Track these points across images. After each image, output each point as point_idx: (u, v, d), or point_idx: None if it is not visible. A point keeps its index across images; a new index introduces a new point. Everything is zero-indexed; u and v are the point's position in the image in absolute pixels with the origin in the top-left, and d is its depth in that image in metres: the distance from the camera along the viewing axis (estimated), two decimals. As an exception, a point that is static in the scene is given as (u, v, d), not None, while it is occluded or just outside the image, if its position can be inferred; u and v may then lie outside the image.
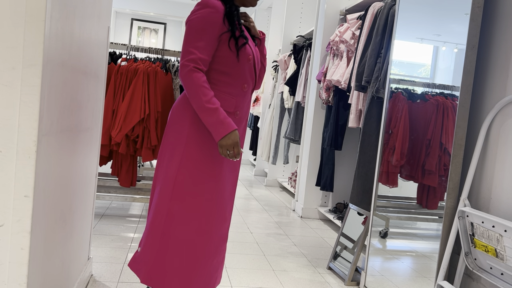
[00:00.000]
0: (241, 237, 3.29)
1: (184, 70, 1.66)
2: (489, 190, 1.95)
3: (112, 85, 3.37)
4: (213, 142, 1.76)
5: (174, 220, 1.75)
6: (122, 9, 9.04)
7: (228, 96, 1.78)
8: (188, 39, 1.69)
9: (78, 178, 1.89)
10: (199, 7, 1.70)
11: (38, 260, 1.39)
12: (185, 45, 1.69)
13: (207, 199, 1.77)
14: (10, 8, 1.23)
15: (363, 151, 3.04)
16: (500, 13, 2.00)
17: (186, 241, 1.75)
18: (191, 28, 1.69)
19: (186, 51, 1.68)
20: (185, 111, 1.77)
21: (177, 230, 1.75)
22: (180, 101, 1.81)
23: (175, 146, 1.76)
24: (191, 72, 1.65)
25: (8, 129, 1.24)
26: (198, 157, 1.75)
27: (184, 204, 1.75)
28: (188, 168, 1.75)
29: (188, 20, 1.72)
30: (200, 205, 1.76)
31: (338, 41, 3.66)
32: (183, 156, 1.75)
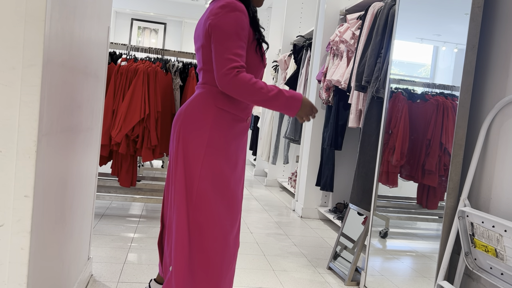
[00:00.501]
0: (241, 237, 3.29)
1: (228, 78, 1.58)
2: (489, 190, 1.95)
3: (112, 85, 3.37)
4: (231, 149, 1.74)
5: (201, 232, 1.71)
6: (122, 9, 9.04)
7: (245, 104, 1.77)
8: (225, 45, 1.60)
9: (78, 178, 1.89)
10: (228, 10, 1.62)
11: (38, 260, 1.39)
12: (222, 52, 1.60)
13: (226, 206, 1.74)
14: (10, 8, 1.23)
15: (363, 151, 3.04)
16: (500, 13, 2.00)
17: (213, 251, 1.72)
18: (225, 33, 1.60)
19: (226, 59, 1.59)
20: (204, 118, 1.71)
21: (205, 241, 1.71)
22: (197, 106, 1.73)
23: (194, 155, 1.70)
24: (236, 76, 1.58)
25: (8, 129, 1.24)
26: (217, 165, 1.72)
27: (207, 214, 1.71)
28: (208, 177, 1.70)
29: (218, 24, 1.62)
30: (221, 214, 1.73)
31: (338, 41, 3.66)
32: (203, 165, 1.70)
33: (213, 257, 1.72)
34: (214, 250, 1.72)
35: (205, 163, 1.70)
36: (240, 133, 1.80)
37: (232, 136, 1.76)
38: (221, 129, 1.71)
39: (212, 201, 1.71)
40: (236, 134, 1.78)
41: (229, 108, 1.73)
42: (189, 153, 1.71)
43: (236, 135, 1.78)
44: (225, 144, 1.73)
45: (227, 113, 1.72)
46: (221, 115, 1.71)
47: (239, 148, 1.81)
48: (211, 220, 1.71)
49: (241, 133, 1.80)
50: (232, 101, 1.73)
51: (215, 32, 1.63)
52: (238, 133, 1.78)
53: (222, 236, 1.74)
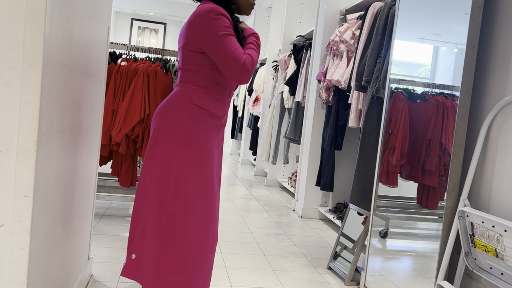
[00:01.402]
0: (241, 237, 3.29)
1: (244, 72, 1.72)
2: (489, 190, 1.95)
3: (112, 85, 3.37)
4: (209, 141, 1.82)
5: (175, 222, 1.75)
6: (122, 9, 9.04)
7: (221, 103, 1.86)
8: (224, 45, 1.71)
9: (78, 178, 1.89)
10: (215, 14, 1.72)
11: (38, 260, 1.39)
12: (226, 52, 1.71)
13: (204, 198, 1.80)
14: (10, 8, 1.23)
15: (363, 151, 3.04)
16: (500, 13, 2.00)
17: (187, 243, 1.76)
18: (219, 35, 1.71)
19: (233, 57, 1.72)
20: (181, 113, 1.79)
21: (178, 232, 1.75)
22: (174, 102, 1.81)
23: (172, 147, 1.77)
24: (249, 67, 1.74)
25: (8, 129, 1.24)
26: (195, 158, 1.78)
27: (183, 205, 1.76)
28: (186, 169, 1.77)
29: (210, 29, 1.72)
30: (198, 205, 1.78)
31: (338, 41, 3.66)
32: (182, 157, 1.77)
33: (186, 250, 1.76)
34: (188, 242, 1.77)
35: (184, 155, 1.77)
36: (216, 128, 1.87)
37: (208, 132, 1.83)
38: (198, 124, 1.80)
39: (190, 192, 1.77)
40: (212, 131, 1.85)
41: (204, 105, 1.81)
42: (167, 145, 1.78)
43: (213, 132, 1.85)
44: (203, 136, 1.81)
45: (202, 110, 1.81)
46: (197, 111, 1.80)
47: (216, 142, 1.88)
48: (187, 212, 1.77)
49: (217, 128, 1.87)
50: (207, 99, 1.81)
51: (207, 39, 1.74)
52: (213, 130, 1.85)
53: (197, 228, 1.78)
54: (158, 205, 1.76)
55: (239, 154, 8.87)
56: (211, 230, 1.84)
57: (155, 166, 1.78)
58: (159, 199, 1.76)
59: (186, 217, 1.76)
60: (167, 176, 1.76)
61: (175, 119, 1.78)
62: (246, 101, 7.52)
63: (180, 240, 1.76)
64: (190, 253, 1.77)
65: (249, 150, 7.27)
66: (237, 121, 8.45)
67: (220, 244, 3.08)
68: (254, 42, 1.84)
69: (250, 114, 7.18)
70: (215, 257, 2.79)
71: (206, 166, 1.81)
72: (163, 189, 1.76)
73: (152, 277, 1.76)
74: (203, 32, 1.73)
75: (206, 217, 1.81)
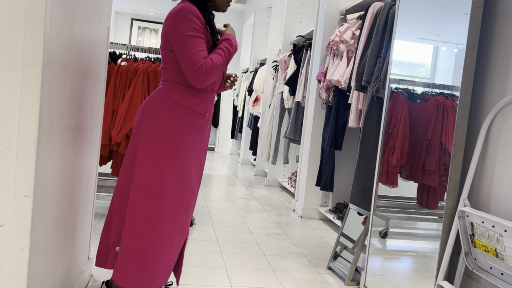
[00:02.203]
0: (241, 237, 3.30)
1: (199, 75, 1.72)
2: (489, 190, 1.95)
3: (112, 85, 3.37)
4: (187, 140, 1.84)
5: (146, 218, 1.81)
6: (122, 9, 9.03)
7: (201, 99, 1.88)
8: (187, 47, 1.73)
9: (78, 178, 1.89)
10: (182, 14, 1.73)
11: (38, 260, 1.39)
12: (187, 53, 1.72)
13: (177, 196, 1.85)
14: (10, 8, 1.23)
15: (363, 151, 3.04)
16: (500, 13, 2.00)
17: (153, 239, 1.82)
18: (183, 36, 1.73)
19: (192, 59, 1.72)
20: (160, 110, 1.82)
21: (149, 227, 1.82)
22: (153, 99, 1.85)
23: (149, 144, 1.81)
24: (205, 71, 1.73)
25: (8, 129, 1.24)
26: (171, 155, 1.82)
27: (155, 202, 1.81)
28: (162, 166, 1.81)
29: (175, 29, 1.74)
30: (170, 203, 1.83)
31: (338, 41, 3.66)
32: (158, 154, 1.81)
33: (150, 245, 1.82)
34: (153, 239, 1.82)
35: (161, 152, 1.81)
36: (197, 128, 1.88)
37: (188, 128, 1.85)
38: (176, 120, 1.82)
39: (163, 189, 1.81)
40: (193, 128, 1.87)
41: (184, 102, 1.83)
42: (144, 142, 1.82)
43: (193, 129, 1.87)
44: (181, 134, 1.83)
45: (182, 106, 1.83)
46: (176, 108, 1.83)
47: (197, 140, 1.90)
48: (158, 208, 1.82)
49: (197, 127, 1.88)
50: (186, 96, 1.84)
51: (174, 38, 1.76)
52: (194, 127, 1.87)
53: (165, 226, 1.84)
54: (133, 201, 1.82)
55: (239, 154, 8.87)
56: (179, 227, 1.89)
57: (133, 161, 1.84)
58: (134, 195, 1.81)
59: (156, 213, 1.81)
60: (142, 172, 1.81)
61: (154, 116, 1.82)
62: (246, 101, 7.52)
63: (148, 235, 1.81)
64: (153, 249, 1.82)
65: (249, 150, 7.27)
66: (237, 121, 8.45)
67: (220, 244, 3.08)
68: (223, 48, 1.84)
69: (250, 114, 7.18)
70: (215, 257, 2.79)
71: (182, 163, 1.84)
72: (137, 185, 1.81)
73: (120, 269, 1.82)
74: (171, 31, 1.76)
75: (176, 214, 1.86)
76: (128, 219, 1.82)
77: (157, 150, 1.81)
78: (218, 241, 3.14)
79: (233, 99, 9.07)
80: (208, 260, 2.72)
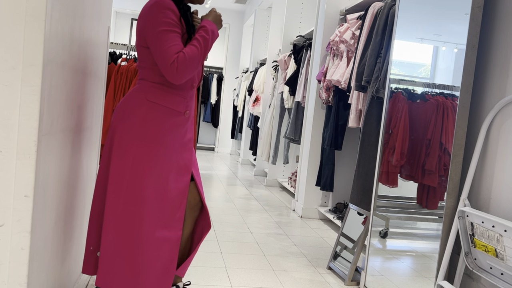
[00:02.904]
0: (241, 237, 3.30)
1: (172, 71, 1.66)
2: (489, 190, 1.95)
3: (112, 85, 3.37)
4: (166, 141, 1.80)
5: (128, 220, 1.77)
6: (122, 9, 9.03)
7: (180, 97, 1.83)
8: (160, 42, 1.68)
9: (78, 178, 1.89)
10: (156, 9, 1.69)
11: (38, 260, 1.39)
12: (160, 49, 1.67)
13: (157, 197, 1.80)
14: (10, 8, 1.23)
15: (363, 151, 3.04)
16: (500, 13, 2.00)
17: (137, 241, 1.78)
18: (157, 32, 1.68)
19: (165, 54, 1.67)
20: (136, 112, 1.78)
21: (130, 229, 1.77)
22: (130, 100, 1.81)
23: (126, 147, 1.77)
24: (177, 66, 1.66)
25: (8, 129, 1.24)
26: (149, 155, 1.78)
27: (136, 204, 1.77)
28: (140, 168, 1.76)
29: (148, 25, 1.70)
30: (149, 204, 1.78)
31: (338, 41, 3.66)
32: (135, 156, 1.76)
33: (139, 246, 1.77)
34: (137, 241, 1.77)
35: (138, 154, 1.76)
36: (176, 127, 1.83)
37: (166, 129, 1.80)
38: (154, 121, 1.77)
39: (144, 192, 1.76)
40: (172, 128, 1.82)
41: (161, 101, 1.78)
42: (121, 146, 1.77)
43: (172, 128, 1.82)
44: (158, 137, 1.78)
45: (159, 106, 1.78)
46: (154, 109, 1.78)
47: (176, 141, 1.84)
48: (138, 211, 1.77)
49: (177, 126, 1.83)
50: (164, 95, 1.79)
51: (148, 33, 1.71)
52: (173, 127, 1.82)
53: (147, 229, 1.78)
54: (111, 203, 1.77)
55: (239, 154, 8.87)
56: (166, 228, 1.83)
57: (111, 163, 1.79)
58: (113, 198, 1.77)
59: (139, 215, 1.77)
60: (120, 174, 1.76)
61: (131, 117, 1.78)
62: (246, 101, 7.52)
63: (132, 237, 1.77)
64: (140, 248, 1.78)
65: (249, 150, 7.27)
66: (237, 121, 8.46)
67: (220, 244, 3.08)
68: (198, 37, 1.75)
69: (250, 114, 7.18)
70: (215, 257, 2.79)
71: (162, 164, 1.80)
72: (116, 188, 1.76)
73: (106, 271, 1.78)
74: (145, 26, 1.72)
75: (158, 211, 1.80)
76: (107, 222, 1.77)
77: (134, 153, 1.76)
78: (218, 241, 3.14)
79: (233, 99, 9.07)
80: (208, 260, 2.72)
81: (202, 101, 9.37)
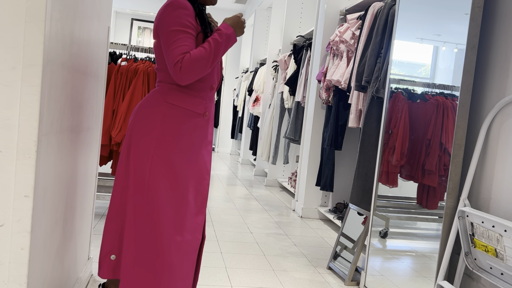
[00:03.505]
0: (241, 237, 3.30)
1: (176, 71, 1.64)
2: (489, 190, 1.95)
3: (112, 85, 3.37)
4: (184, 143, 1.78)
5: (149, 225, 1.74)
6: (122, 9, 9.03)
7: (199, 99, 1.81)
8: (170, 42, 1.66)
9: (78, 178, 1.89)
10: (171, 9, 1.68)
11: (38, 260, 1.39)
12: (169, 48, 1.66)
13: (176, 200, 1.77)
14: (10, 8, 1.23)
15: (363, 151, 3.04)
16: (500, 13, 2.00)
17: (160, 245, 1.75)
18: (169, 31, 1.67)
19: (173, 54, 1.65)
20: (154, 114, 1.76)
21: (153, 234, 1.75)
22: (148, 102, 1.79)
23: (144, 150, 1.75)
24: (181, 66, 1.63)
25: (8, 129, 1.24)
26: (168, 159, 1.76)
27: (157, 208, 1.74)
28: (158, 171, 1.74)
29: (162, 23, 1.69)
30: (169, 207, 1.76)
31: (338, 41, 3.66)
32: (154, 159, 1.74)
33: (159, 251, 1.74)
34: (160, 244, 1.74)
35: (156, 156, 1.74)
36: (196, 128, 1.81)
37: (184, 131, 1.78)
38: (172, 124, 1.76)
39: (163, 195, 1.74)
40: (191, 129, 1.80)
41: (180, 103, 1.77)
42: (139, 149, 1.75)
43: (191, 130, 1.80)
44: (176, 139, 1.76)
45: (178, 108, 1.77)
46: (172, 111, 1.76)
47: (196, 143, 1.82)
48: (160, 214, 1.74)
49: (196, 128, 1.81)
50: (182, 96, 1.77)
51: (161, 32, 1.71)
52: (193, 128, 1.80)
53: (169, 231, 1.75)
54: (133, 207, 1.75)
55: (239, 154, 8.87)
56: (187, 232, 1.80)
57: (129, 167, 1.77)
58: (134, 201, 1.75)
59: (160, 219, 1.74)
60: (140, 178, 1.74)
61: (149, 119, 1.76)
62: (246, 101, 7.52)
63: (154, 242, 1.75)
64: (163, 253, 1.75)
65: (249, 150, 7.27)
66: (237, 121, 8.46)
67: (220, 244, 3.08)
68: (210, 40, 1.72)
69: (250, 114, 7.18)
70: (215, 257, 2.79)
71: (181, 167, 1.77)
72: (138, 192, 1.74)
73: (129, 277, 1.75)
74: (159, 26, 1.71)
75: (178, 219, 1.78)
76: (129, 227, 1.75)
77: (152, 155, 1.74)
78: (218, 241, 3.14)
79: (233, 99, 9.07)
80: (208, 260, 2.72)
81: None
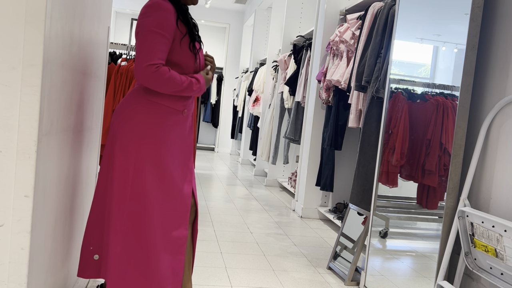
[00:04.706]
0: (241, 237, 3.30)
1: (146, 72, 1.66)
2: (489, 190, 1.95)
3: (112, 85, 3.37)
4: (168, 139, 1.81)
5: (134, 221, 1.77)
6: (122, 9, 9.03)
7: (178, 96, 1.83)
8: (145, 42, 1.68)
9: (78, 178, 1.89)
10: (152, 9, 1.70)
11: (38, 260, 1.39)
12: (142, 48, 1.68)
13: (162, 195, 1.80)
14: (10, 8, 1.23)
15: (363, 151, 3.04)
16: (500, 13, 2.00)
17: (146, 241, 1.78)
18: (146, 31, 1.69)
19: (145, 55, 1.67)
20: (136, 111, 1.78)
21: (137, 231, 1.77)
22: (130, 99, 1.82)
23: (128, 146, 1.77)
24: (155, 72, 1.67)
25: (8, 129, 1.24)
26: (151, 154, 1.78)
27: (142, 204, 1.77)
28: (142, 166, 1.77)
29: (141, 23, 1.71)
30: (155, 204, 1.79)
31: (338, 41, 3.66)
32: (138, 154, 1.77)
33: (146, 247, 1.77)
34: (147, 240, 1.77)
35: (140, 152, 1.77)
36: (176, 125, 1.84)
37: (167, 127, 1.81)
38: (154, 120, 1.79)
39: (148, 190, 1.77)
40: (172, 126, 1.83)
41: (160, 100, 1.79)
42: (123, 145, 1.78)
43: (172, 127, 1.83)
44: (159, 136, 1.79)
45: (158, 105, 1.79)
46: (153, 108, 1.79)
47: (177, 139, 1.85)
48: (146, 210, 1.77)
49: (176, 125, 1.84)
50: (162, 93, 1.79)
51: (138, 31, 1.73)
52: (173, 125, 1.83)
53: (155, 226, 1.78)
54: (117, 204, 1.77)
55: (239, 154, 8.87)
56: (174, 227, 1.83)
57: (113, 164, 1.79)
58: (118, 199, 1.76)
59: (145, 215, 1.77)
60: (124, 174, 1.76)
61: (131, 116, 1.78)
62: (246, 101, 7.52)
63: (140, 238, 1.77)
64: (150, 250, 1.77)
65: (249, 150, 7.27)
66: (237, 121, 8.46)
67: (220, 244, 3.08)
68: (191, 78, 1.78)
69: (250, 114, 7.18)
70: (215, 257, 2.79)
71: (164, 162, 1.80)
72: (121, 188, 1.76)
73: (115, 275, 1.77)
74: (138, 25, 1.73)
75: (164, 212, 1.81)
76: (114, 226, 1.76)
77: (136, 151, 1.76)
78: (218, 241, 3.14)
79: (233, 99, 9.07)
80: (208, 260, 2.72)
81: (202, 101, 9.37)
